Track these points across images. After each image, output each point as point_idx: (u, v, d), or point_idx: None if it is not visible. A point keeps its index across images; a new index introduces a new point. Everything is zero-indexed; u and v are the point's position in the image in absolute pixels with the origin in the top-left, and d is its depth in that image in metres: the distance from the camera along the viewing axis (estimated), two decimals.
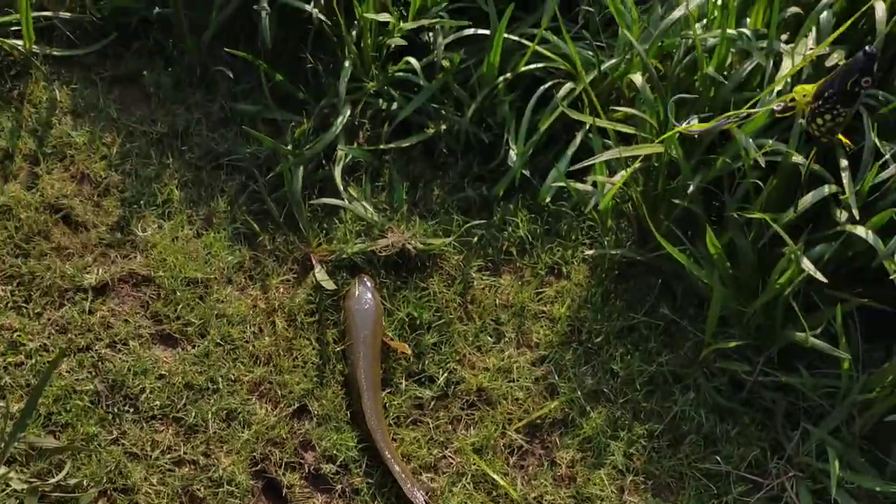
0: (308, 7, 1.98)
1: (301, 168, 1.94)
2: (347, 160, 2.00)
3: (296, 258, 1.91)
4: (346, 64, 2.00)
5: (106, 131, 2.00)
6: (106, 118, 2.01)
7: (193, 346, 1.75)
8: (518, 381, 1.82)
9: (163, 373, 1.70)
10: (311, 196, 1.96)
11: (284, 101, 2.09)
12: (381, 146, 2.04)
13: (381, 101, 2.07)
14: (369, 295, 1.82)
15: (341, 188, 1.95)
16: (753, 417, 1.79)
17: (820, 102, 1.47)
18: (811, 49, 1.67)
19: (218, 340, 1.75)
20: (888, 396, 1.66)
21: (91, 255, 1.82)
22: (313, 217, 1.95)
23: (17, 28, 2.03)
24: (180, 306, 1.78)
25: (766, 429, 1.77)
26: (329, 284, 1.83)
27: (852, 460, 1.70)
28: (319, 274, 1.86)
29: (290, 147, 1.97)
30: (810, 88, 1.47)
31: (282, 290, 1.86)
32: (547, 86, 2.03)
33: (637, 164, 1.84)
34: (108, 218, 1.88)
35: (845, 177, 1.63)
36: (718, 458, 1.73)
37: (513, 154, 2.02)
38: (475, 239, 1.98)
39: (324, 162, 2.01)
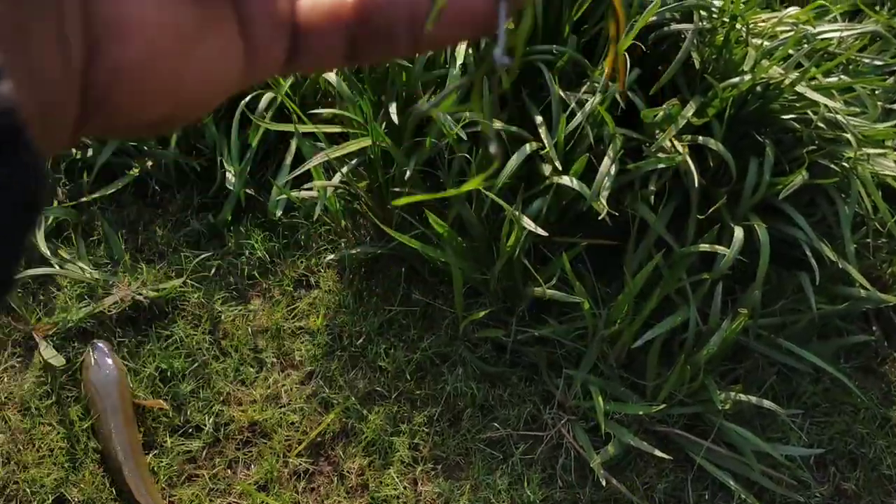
0: None
1: None
2: (49, 222, 1.84)
3: (16, 340, 1.73)
4: None
5: None
6: None
7: None
8: (289, 404, 1.76)
9: None
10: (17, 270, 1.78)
11: None
12: (85, 199, 1.89)
13: (72, 150, 1.92)
14: (108, 360, 1.69)
15: (48, 254, 1.79)
16: (521, 376, 1.84)
17: None
18: None
19: None
20: (630, 325, 1.77)
21: None
22: (25, 292, 1.78)
23: None
24: None
25: (534, 383, 1.84)
26: (58, 360, 1.68)
27: (614, 392, 1.80)
28: (46, 351, 1.70)
29: None
30: None
31: (6, 379, 1.68)
32: (248, 99, 1.97)
33: (353, 161, 1.84)
34: None
35: (543, 132, 1.71)
36: (496, 425, 1.78)
37: (230, 176, 1.94)
38: (212, 271, 1.89)
39: None
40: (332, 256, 1.95)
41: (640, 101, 1.76)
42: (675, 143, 1.71)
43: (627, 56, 1.69)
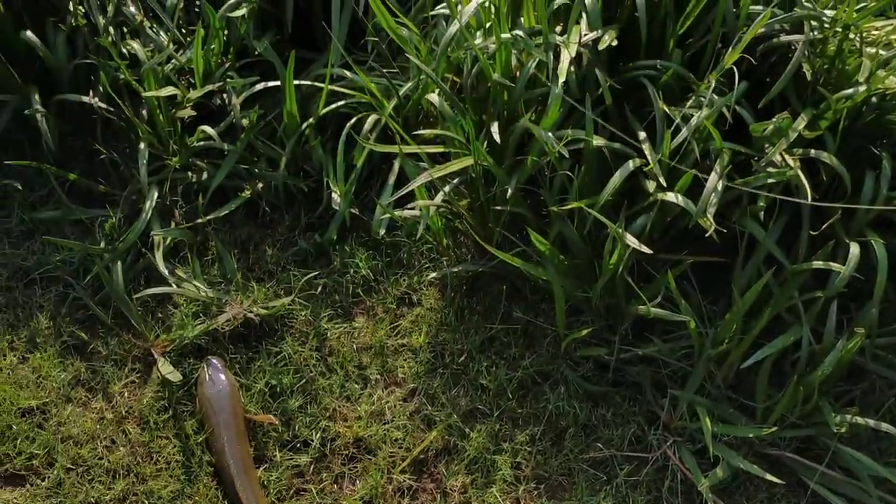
0: (87, 99, 1.89)
1: (119, 263, 1.85)
2: (167, 243, 1.92)
3: (136, 356, 1.82)
4: (142, 146, 1.92)
5: None
6: None
7: (43, 479, 1.63)
8: (393, 420, 1.79)
9: None
10: (138, 288, 1.87)
11: (87, 198, 1.99)
12: (200, 220, 1.97)
13: (189, 174, 2.01)
14: (221, 376, 1.75)
15: (166, 273, 1.87)
16: (624, 395, 1.82)
17: None
18: (586, 35, 1.72)
19: (68, 465, 1.65)
20: (738, 344, 1.73)
21: None
22: (144, 310, 1.87)
23: None
24: (19, 440, 1.66)
25: (638, 403, 1.81)
26: (175, 376, 1.75)
27: (722, 413, 1.76)
28: (163, 367, 1.77)
29: (101, 244, 1.87)
30: None
31: (127, 394, 1.77)
32: (353, 121, 2.01)
33: (455, 181, 1.85)
34: None
35: (646, 148, 1.68)
36: (600, 445, 1.76)
37: (336, 196, 1.99)
38: (318, 290, 1.94)
39: (143, 250, 1.93)
40: (434, 274, 1.97)
41: (749, 115, 1.72)
42: (786, 157, 1.66)
43: (735, 69, 1.65)
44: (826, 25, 1.73)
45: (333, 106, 2.01)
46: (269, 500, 1.68)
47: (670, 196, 1.65)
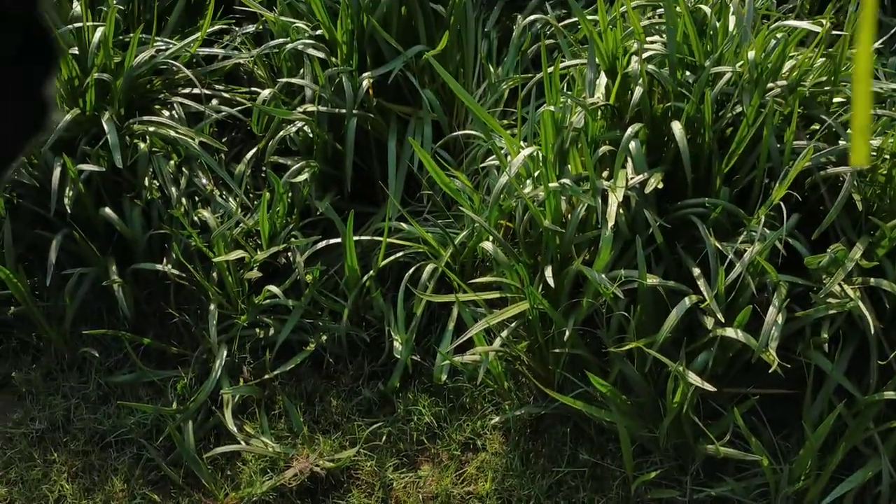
0: (160, 267, 2.01)
1: (190, 423, 1.90)
2: (236, 401, 1.97)
3: None
4: (212, 307, 2.01)
5: None
6: None
7: None
8: None
9: None
10: (209, 447, 1.91)
11: (160, 360, 2.07)
12: (267, 375, 2.02)
13: (256, 330, 2.08)
14: None
15: (235, 431, 1.91)
16: None
17: None
18: (632, 178, 1.77)
19: None
20: (816, 481, 1.67)
21: None
22: (214, 468, 1.90)
23: None
24: None
25: None
26: None
27: None
28: None
29: (173, 405, 1.93)
30: None
31: None
32: (412, 271, 2.08)
33: (513, 324, 1.88)
34: None
35: (702, 284, 1.69)
36: None
37: (397, 345, 2.03)
38: (383, 439, 1.95)
39: (213, 408, 1.98)
40: (497, 419, 1.96)
41: (803, 246, 1.72)
42: (846, 287, 1.65)
43: (783, 205, 1.67)
44: (873, 154, 1.75)
45: (392, 258, 2.09)
46: None
47: (730, 332, 1.64)
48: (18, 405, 2.02)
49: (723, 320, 1.65)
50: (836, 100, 1.87)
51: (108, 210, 2.06)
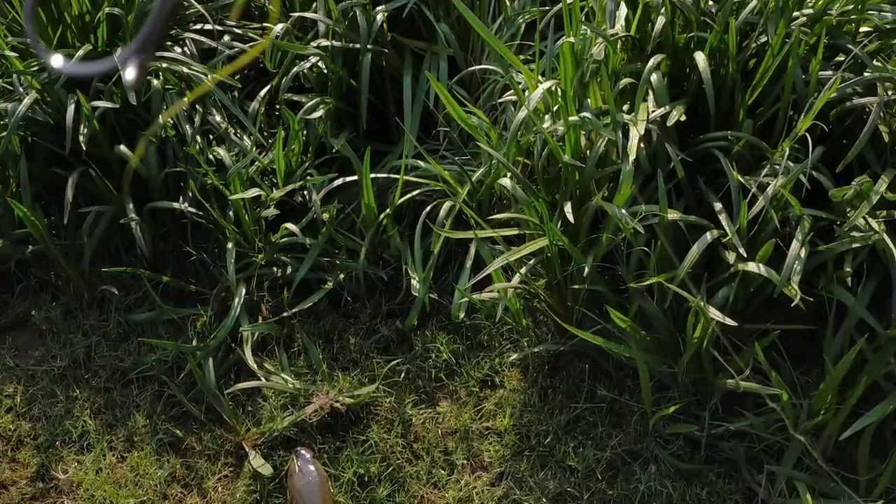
0: (177, 205, 2.00)
1: (210, 360, 1.91)
2: (255, 337, 1.98)
3: (228, 451, 1.86)
4: (230, 246, 2.01)
5: (6, 382, 1.95)
6: (3, 369, 1.97)
7: None
8: None
9: None
10: (229, 383, 1.93)
11: (179, 298, 2.08)
12: (286, 313, 2.03)
13: (274, 269, 2.08)
14: (310, 467, 1.78)
15: (255, 367, 1.92)
16: (719, 472, 1.76)
17: None
18: (653, 112, 1.73)
19: None
20: (835, 415, 1.66)
21: None
22: (235, 404, 1.92)
23: None
24: None
25: (733, 480, 1.75)
26: (266, 469, 1.78)
27: (823, 488, 1.68)
28: (255, 461, 1.81)
29: (193, 342, 1.94)
30: None
31: (220, 489, 1.80)
32: (429, 209, 2.06)
33: (532, 261, 1.87)
34: (27, 470, 1.81)
35: (723, 219, 1.67)
36: None
37: (415, 283, 2.02)
38: (402, 376, 1.96)
39: (232, 345, 1.99)
40: (515, 356, 1.97)
41: (827, 180, 1.69)
42: (870, 220, 1.62)
43: (808, 137, 1.64)
44: None
45: (409, 196, 2.07)
46: None
47: (752, 266, 1.62)
48: (39, 343, 2.04)
49: (745, 255, 1.64)
50: (862, 29, 1.82)
51: (123, 147, 2.05)
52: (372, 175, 2.02)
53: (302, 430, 1.87)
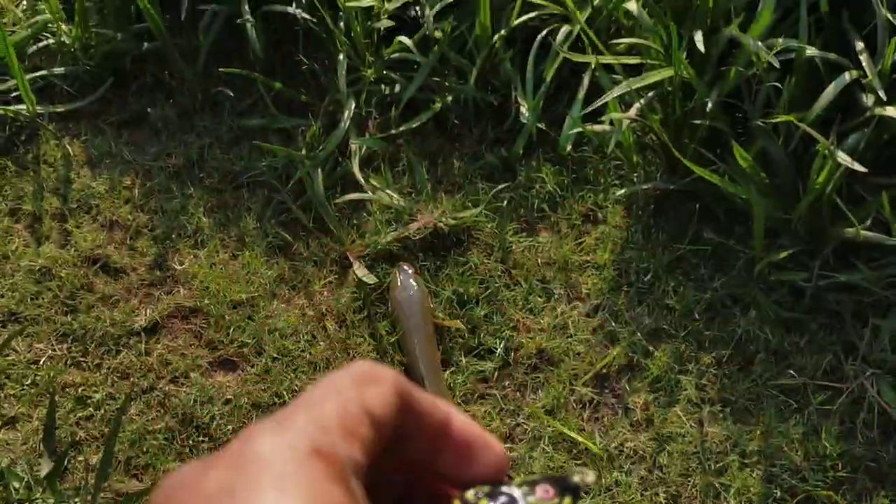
0: (291, 9, 1.97)
1: (319, 170, 1.93)
2: (363, 152, 1.99)
3: (333, 259, 1.91)
4: (341, 57, 1.98)
5: (124, 175, 2.02)
6: (121, 162, 2.03)
7: (252, 366, 1.77)
8: (576, 335, 1.80)
9: (228, 397, 1.72)
10: (335, 195, 1.95)
11: (289, 107, 2.08)
12: (393, 131, 2.02)
13: (382, 86, 2.06)
14: (412, 282, 1.82)
15: (362, 181, 1.94)
16: (821, 323, 1.74)
17: None
18: None
19: (275, 355, 1.77)
20: None
21: (136, 298, 1.85)
22: (341, 215, 1.95)
23: (17, 93, 2.06)
24: (232, 329, 1.80)
25: (835, 332, 1.73)
26: (370, 279, 1.83)
27: None
28: (359, 270, 1.85)
29: (303, 152, 1.96)
30: None
31: (326, 293, 1.87)
32: (544, 34, 1.99)
33: (650, 94, 1.80)
34: (145, 258, 1.90)
35: (864, 59, 1.57)
36: (792, 372, 1.70)
37: (524, 110, 1.98)
38: (504, 203, 1.96)
39: (340, 159, 2.00)
40: (621, 192, 1.94)
41: None
42: None
43: None
44: None
45: (525, 17, 2.00)
46: (455, 402, 1.74)
47: (890, 111, 1.54)
48: (155, 140, 2.09)
49: (884, 99, 1.55)
50: None
51: None
52: None
53: (404, 247, 1.90)
